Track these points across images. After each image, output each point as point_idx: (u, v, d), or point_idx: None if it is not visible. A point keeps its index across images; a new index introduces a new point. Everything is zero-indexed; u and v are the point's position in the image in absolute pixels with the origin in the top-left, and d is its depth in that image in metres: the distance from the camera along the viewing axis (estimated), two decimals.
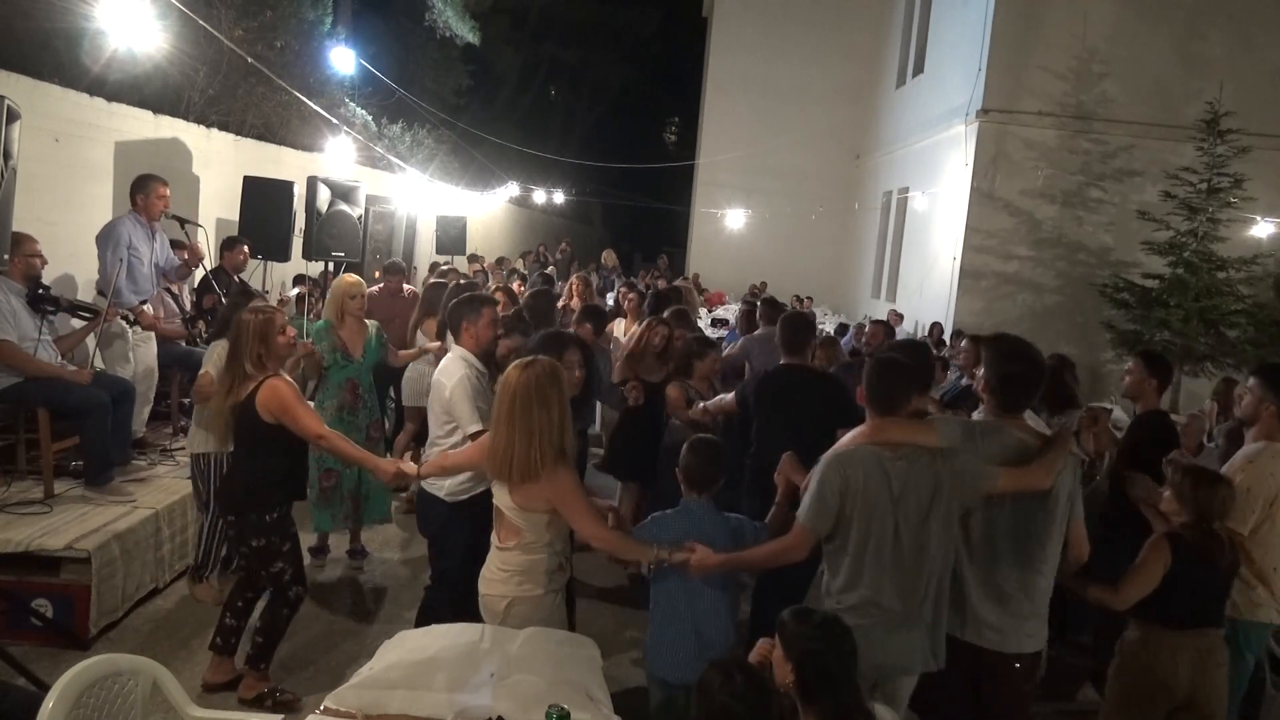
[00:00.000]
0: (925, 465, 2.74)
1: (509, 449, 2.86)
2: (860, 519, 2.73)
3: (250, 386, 3.57)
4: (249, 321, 3.63)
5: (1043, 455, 2.81)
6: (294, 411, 3.56)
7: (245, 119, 10.06)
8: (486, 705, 2.45)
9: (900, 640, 2.75)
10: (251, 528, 3.65)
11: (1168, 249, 10.72)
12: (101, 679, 2.39)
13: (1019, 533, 2.85)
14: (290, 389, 3.62)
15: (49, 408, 4.62)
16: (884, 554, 2.73)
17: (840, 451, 2.82)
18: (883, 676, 2.82)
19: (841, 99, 20.03)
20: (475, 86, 22.31)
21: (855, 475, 2.72)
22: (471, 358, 3.86)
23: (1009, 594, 2.85)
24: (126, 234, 5.31)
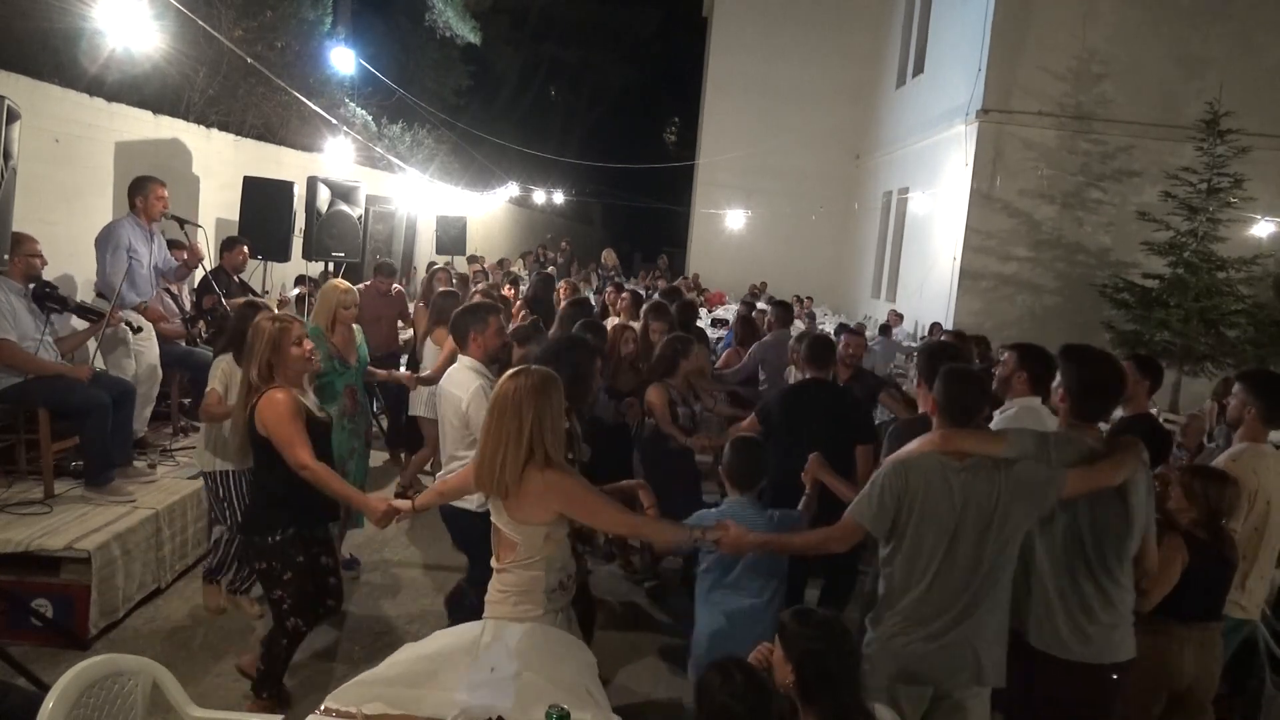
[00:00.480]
0: (987, 476, 2.71)
1: (494, 460, 2.72)
2: (917, 526, 2.72)
3: (255, 398, 3.39)
4: (264, 328, 3.43)
5: (1110, 456, 2.82)
6: (283, 431, 3.30)
7: (245, 119, 10.06)
8: (487, 705, 2.46)
9: (944, 651, 2.72)
10: (255, 549, 3.51)
11: (1168, 249, 10.72)
12: (101, 679, 2.39)
13: (1099, 543, 2.84)
14: (290, 404, 3.36)
15: (49, 408, 4.62)
16: (937, 563, 2.71)
17: (906, 457, 2.81)
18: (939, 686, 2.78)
19: (841, 99, 20.03)
20: (475, 86, 22.31)
21: (917, 482, 2.72)
22: (481, 367, 3.77)
23: (1093, 603, 2.85)
24: (126, 236, 5.31)
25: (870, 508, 2.75)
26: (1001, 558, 2.72)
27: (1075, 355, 3.01)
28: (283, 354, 3.43)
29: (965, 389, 2.86)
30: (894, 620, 2.73)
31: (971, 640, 2.71)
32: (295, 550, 3.48)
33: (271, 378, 3.41)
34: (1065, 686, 2.85)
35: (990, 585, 2.72)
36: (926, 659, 2.71)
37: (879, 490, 2.74)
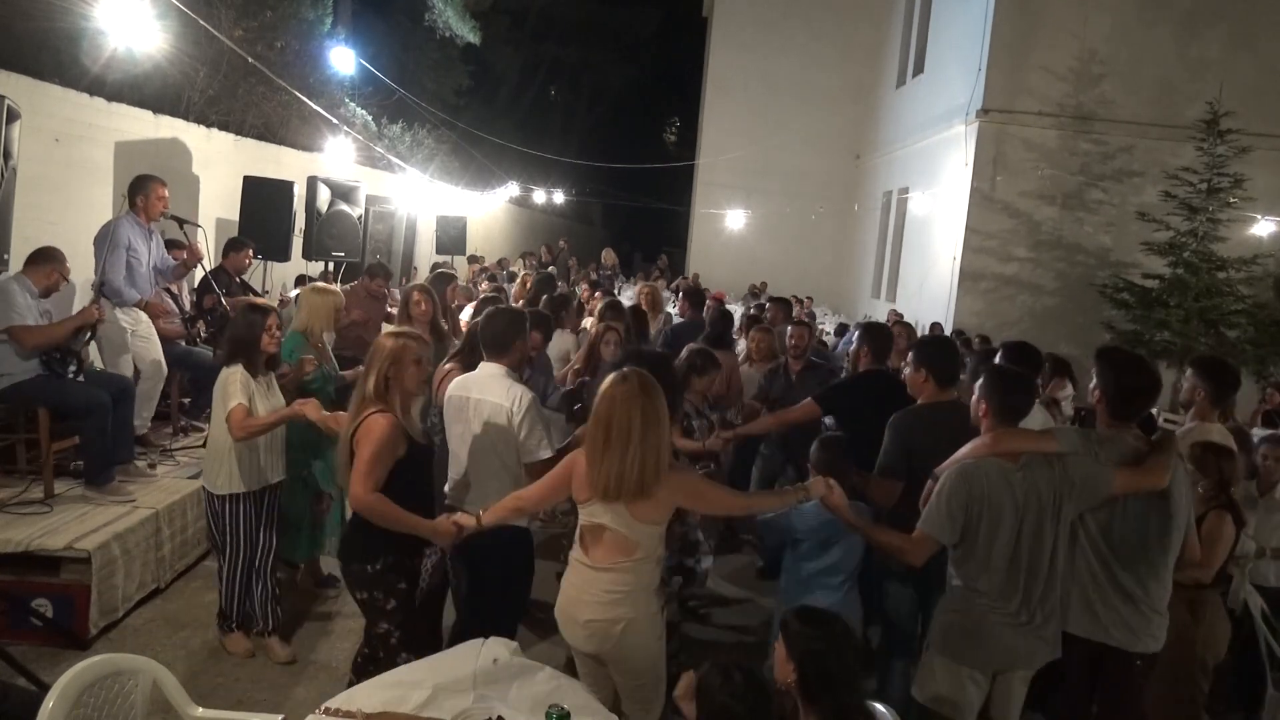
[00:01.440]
0: (1044, 474, 2.88)
1: (626, 464, 2.69)
2: (986, 530, 2.87)
3: (363, 416, 3.11)
4: (385, 345, 3.20)
5: (1152, 457, 2.97)
6: (367, 454, 3.03)
7: (245, 119, 10.06)
8: (487, 705, 2.46)
9: (1021, 638, 2.91)
10: (355, 579, 3.21)
11: (1168, 249, 10.73)
12: (101, 679, 2.39)
13: (1144, 536, 2.99)
14: (389, 433, 3.07)
15: (49, 407, 4.62)
16: (1005, 560, 2.89)
17: (966, 466, 2.93)
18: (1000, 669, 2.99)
19: (841, 99, 20.03)
20: (475, 86, 22.31)
21: (980, 488, 2.86)
22: (514, 374, 3.61)
23: (1135, 594, 3.00)
24: (125, 235, 5.30)
25: (941, 520, 2.90)
26: (1059, 546, 2.93)
27: (1112, 358, 3.16)
28: (402, 372, 3.18)
29: (1016, 391, 3.02)
30: (977, 608, 2.92)
31: (1049, 626, 2.95)
32: (397, 577, 3.18)
33: (383, 397, 3.14)
34: (1100, 670, 3.03)
35: (1053, 572, 2.93)
36: (1013, 644, 2.91)
37: (946, 502, 2.89)
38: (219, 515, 3.98)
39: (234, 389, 3.84)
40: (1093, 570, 3.01)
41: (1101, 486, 2.90)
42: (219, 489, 3.94)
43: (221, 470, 3.91)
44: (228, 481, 3.92)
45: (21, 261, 4.79)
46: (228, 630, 4.14)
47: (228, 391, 3.85)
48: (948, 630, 2.99)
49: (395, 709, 2.42)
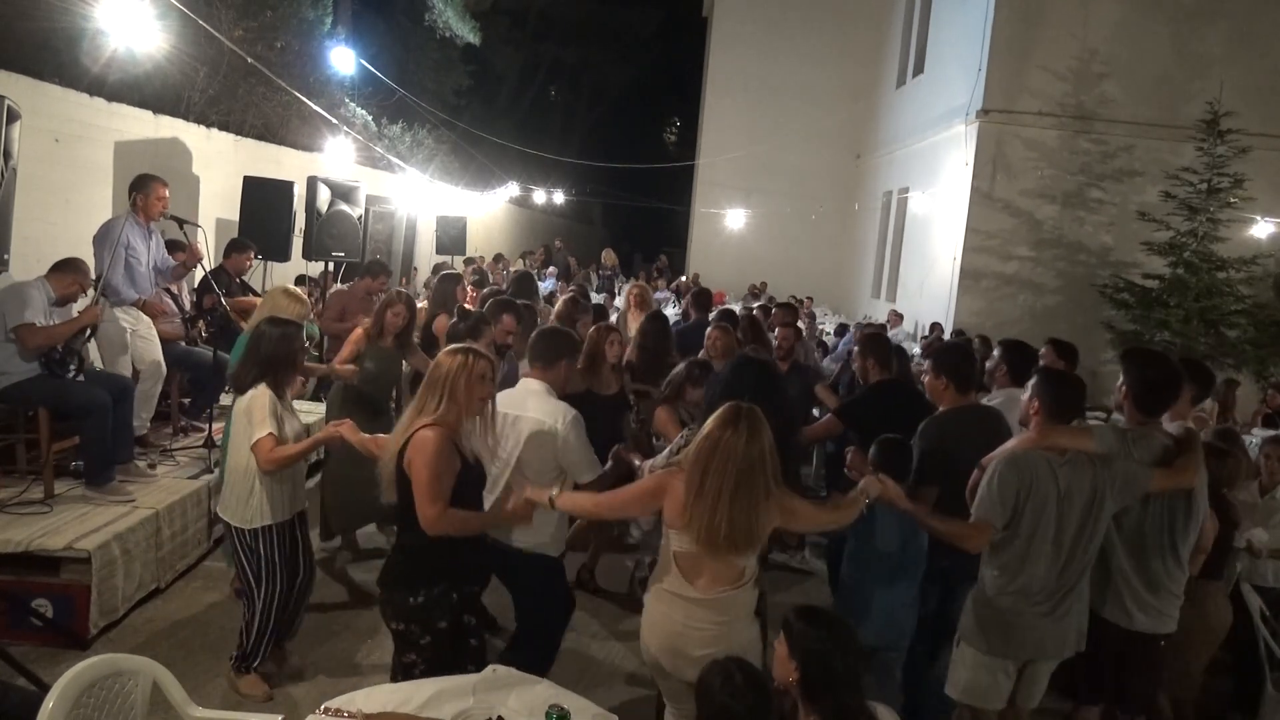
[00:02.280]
0: (1086, 471, 3.02)
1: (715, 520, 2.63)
2: (1030, 517, 3.00)
3: (412, 430, 2.91)
4: (447, 364, 2.98)
5: (1184, 456, 3.17)
6: (426, 474, 2.82)
7: (245, 119, 10.06)
8: (487, 706, 2.47)
9: (1051, 628, 3.05)
10: (393, 609, 3.01)
11: (1168, 249, 10.73)
12: (101, 679, 2.39)
13: (1171, 527, 3.22)
14: (442, 447, 2.86)
15: (49, 407, 4.62)
16: (1045, 550, 3.01)
17: (1016, 455, 3.06)
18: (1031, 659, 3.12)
19: (841, 99, 20.02)
20: (475, 86, 22.31)
21: (1028, 476, 2.99)
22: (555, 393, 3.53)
23: (1161, 582, 3.23)
24: (124, 234, 5.30)
25: (996, 506, 3.00)
26: (1094, 543, 3.06)
27: (1137, 357, 3.40)
28: (468, 388, 2.95)
29: (1069, 391, 3.15)
30: (1010, 599, 3.04)
31: (1075, 615, 3.09)
32: (440, 613, 2.99)
33: (435, 408, 2.94)
34: (1126, 653, 3.25)
35: (1084, 567, 3.07)
36: (1044, 635, 3.05)
37: (997, 488, 3.01)
38: (253, 552, 3.63)
39: (262, 415, 3.52)
40: (1121, 561, 3.20)
41: (1140, 486, 3.08)
42: (250, 522, 3.60)
43: (250, 502, 3.59)
44: (259, 513, 3.60)
45: (21, 261, 4.82)
46: (243, 671, 3.75)
47: (254, 417, 3.52)
48: (983, 624, 3.09)
49: (395, 710, 2.43)
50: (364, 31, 17.72)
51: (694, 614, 2.73)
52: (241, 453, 3.58)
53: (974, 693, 3.12)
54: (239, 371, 3.71)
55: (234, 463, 3.65)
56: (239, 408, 3.62)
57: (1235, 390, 8.35)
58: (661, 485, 2.83)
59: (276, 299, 4.47)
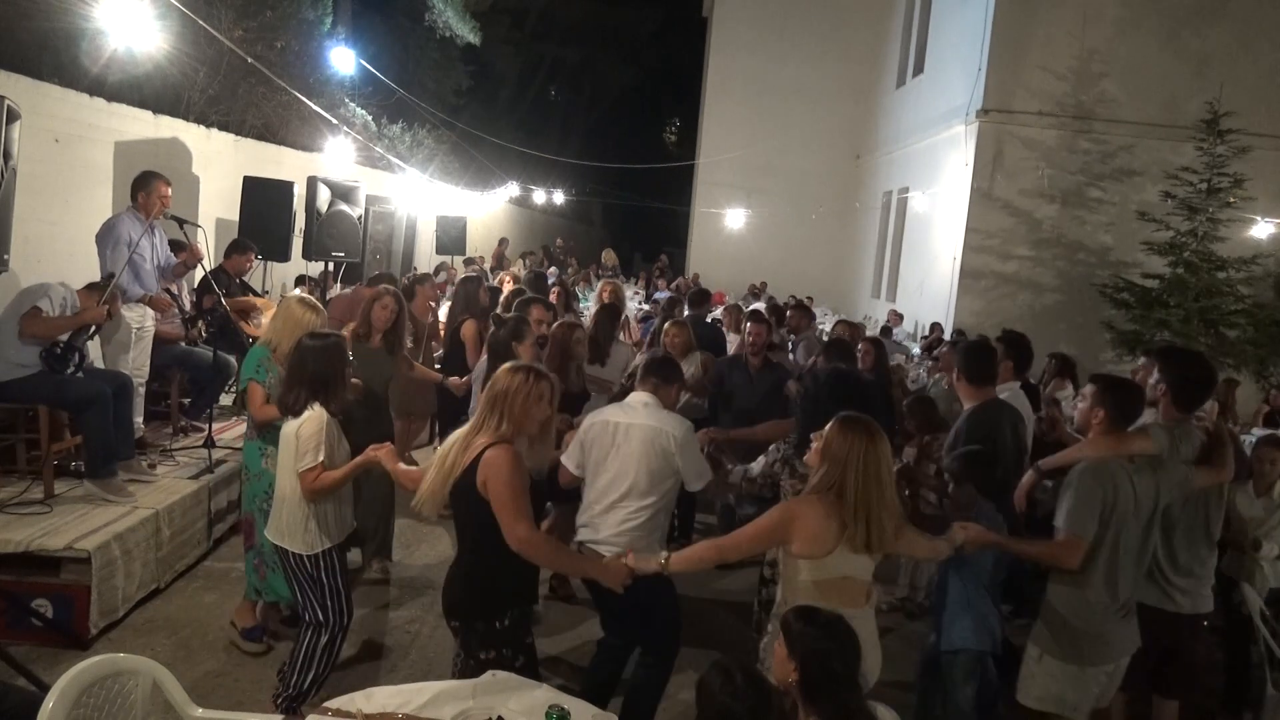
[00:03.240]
0: (1150, 475, 3.18)
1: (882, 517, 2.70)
2: (1115, 528, 3.10)
3: (479, 448, 2.83)
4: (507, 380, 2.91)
5: (1219, 451, 3.44)
6: (507, 493, 2.76)
7: (245, 119, 10.06)
8: (487, 705, 2.47)
9: (1128, 627, 3.21)
10: (479, 638, 2.89)
11: (1168, 249, 10.72)
12: (101, 679, 2.39)
13: (1206, 515, 3.49)
14: (518, 465, 2.81)
15: (51, 401, 4.61)
16: (1124, 554, 3.13)
17: (1096, 466, 3.14)
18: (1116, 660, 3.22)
19: (841, 99, 20.02)
20: (475, 86, 22.32)
21: (1109, 485, 3.09)
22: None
23: (1195, 569, 3.48)
24: (127, 231, 5.30)
25: (1086, 519, 3.06)
26: (1153, 542, 3.25)
27: (1174, 356, 3.63)
28: (524, 408, 2.89)
29: (1133, 399, 3.28)
30: (1099, 609, 3.13)
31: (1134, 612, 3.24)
32: (525, 631, 2.96)
33: (499, 427, 2.86)
34: (1170, 634, 3.43)
35: (1146, 567, 3.27)
36: (1125, 635, 3.19)
37: (1085, 501, 3.07)
38: (314, 579, 3.43)
39: (313, 442, 3.35)
40: (1159, 550, 3.39)
41: (1190, 485, 3.34)
42: (311, 548, 3.42)
43: (309, 527, 3.42)
44: (317, 538, 3.43)
45: (21, 261, 4.82)
46: (293, 713, 3.37)
47: (305, 445, 3.35)
48: (1072, 636, 3.13)
49: (395, 710, 2.43)
50: (364, 31, 17.72)
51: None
52: (293, 478, 3.41)
53: (1063, 703, 3.16)
54: (285, 394, 3.48)
55: (286, 489, 3.46)
56: (288, 431, 3.44)
57: (1235, 390, 8.35)
58: (791, 515, 2.79)
59: (293, 311, 4.13)
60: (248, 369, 4.05)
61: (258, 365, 4.04)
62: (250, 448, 4.14)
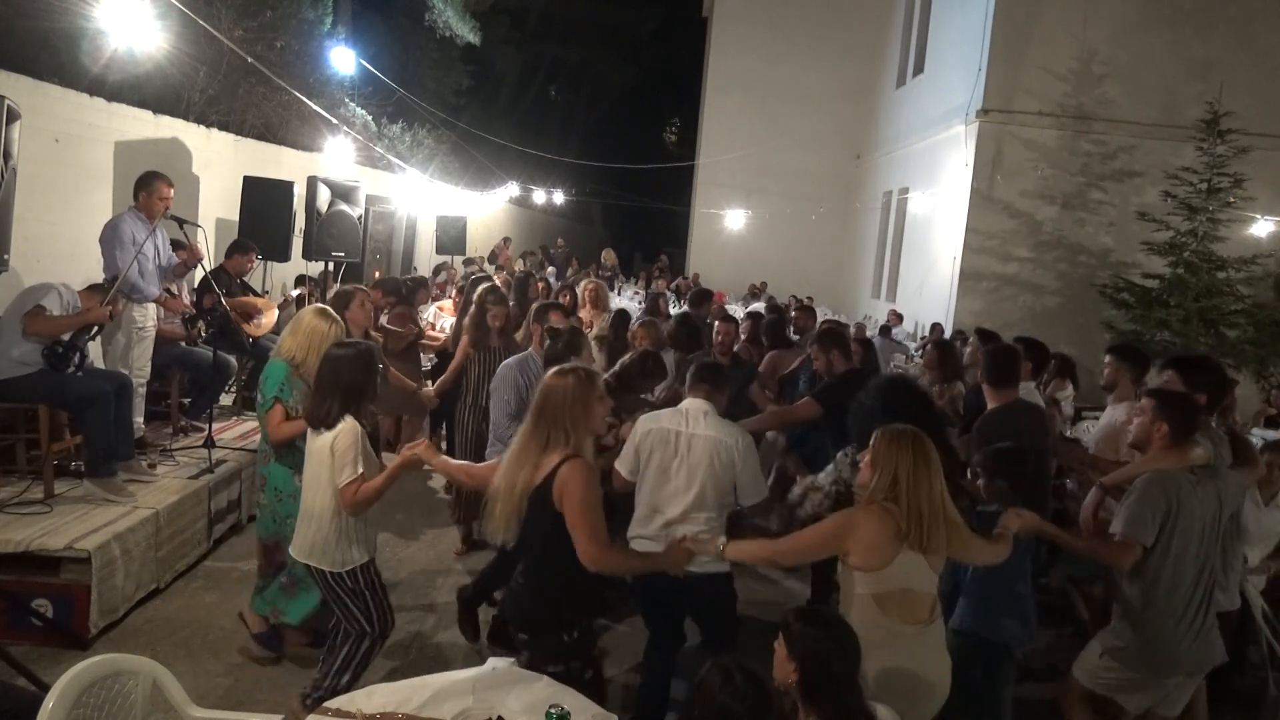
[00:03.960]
0: (1211, 485, 3.26)
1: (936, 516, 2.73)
2: (1179, 538, 3.18)
3: (550, 465, 2.79)
4: (560, 385, 2.86)
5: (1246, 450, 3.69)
6: (583, 510, 2.74)
7: (245, 119, 10.06)
8: (486, 705, 2.47)
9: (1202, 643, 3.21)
10: (548, 652, 2.86)
11: (1168, 249, 10.72)
12: (101, 679, 2.39)
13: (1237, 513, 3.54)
14: (592, 477, 2.80)
15: (51, 400, 4.62)
16: (1185, 565, 3.19)
17: (1163, 476, 3.24)
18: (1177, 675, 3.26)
19: (841, 99, 20.02)
20: (475, 86, 22.31)
21: (1173, 496, 3.18)
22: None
23: (1233, 562, 3.62)
24: (131, 231, 5.30)
25: (1146, 525, 3.15)
26: (1217, 552, 3.28)
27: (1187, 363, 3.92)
28: (589, 410, 2.85)
29: (1193, 411, 3.41)
30: (1158, 620, 3.18)
31: (1215, 629, 3.25)
32: (592, 643, 2.97)
33: (570, 440, 2.82)
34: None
35: (1214, 578, 3.27)
36: (1194, 651, 3.19)
37: (1147, 509, 3.17)
38: (356, 594, 3.32)
39: (350, 455, 3.22)
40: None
41: (1243, 488, 3.47)
42: (348, 563, 3.30)
43: (341, 543, 3.29)
44: (356, 551, 3.32)
45: (22, 261, 4.82)
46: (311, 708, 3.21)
47: (343, 458, 3.22)
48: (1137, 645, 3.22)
49: (395, 709, 2.43)
50: (364, 31, 17.72)
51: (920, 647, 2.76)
52: (326, 494, 3.27)
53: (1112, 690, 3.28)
54: (316, 407, 3.31)
55: (317, 505, 3.30)
56: (319, 445, 3.29)
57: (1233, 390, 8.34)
58: (851, 524, 2.78)
59: (312, 324, 3.92)
60: (270, 387, 3.81)
61: (281, 383, 3.82)
62: (279, 469, 3.94)
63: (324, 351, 3.52)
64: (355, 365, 3.32)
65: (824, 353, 4.99)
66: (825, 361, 4.99)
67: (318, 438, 3.31)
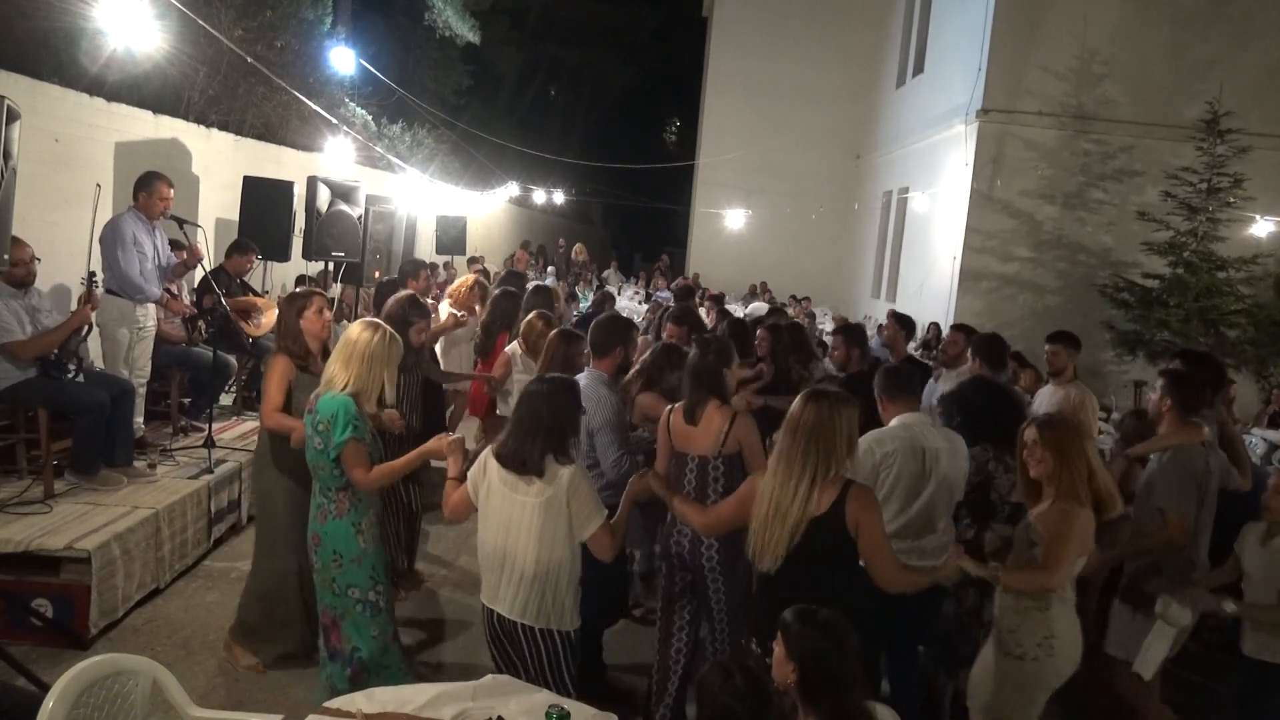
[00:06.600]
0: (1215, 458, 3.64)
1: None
2: (1205, 510, 3.55)
3: (833, 493, 2.74)
4: (823, 414, 2.77)
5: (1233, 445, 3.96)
6: (879, 534, 2.77)
7: (245, 119, 10.05)
8: (487, 705, 2.47)
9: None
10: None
11: (1168, 249, 10.72)
12: (101, 679, 2.39)
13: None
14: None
15: (49, 407, 4.62)
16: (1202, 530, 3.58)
17: (1190, 449, 3.57)
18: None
19: (841, 99, 20.03)
20: (475, 86, 22.31)
21: (1202, 467, 3.54)
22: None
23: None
24: (131, 231, 5.31)
25: (1189, 499, 3.49)
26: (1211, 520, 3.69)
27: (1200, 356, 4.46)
28: (853, 435, 2.83)
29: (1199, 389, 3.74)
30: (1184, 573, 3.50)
31: None
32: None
33: (830, 468, 2.78)
34: None
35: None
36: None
37: (1186, 483, 3.50)
38: (574, 650, 3.07)
39: (594, 500, 3.03)
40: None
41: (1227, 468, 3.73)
42: (575, 621, 3.09)
43: (570, 600, 3.06)
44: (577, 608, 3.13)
45: None
46: None
47: (586, 506, 3.00)
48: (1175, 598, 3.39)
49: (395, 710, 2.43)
50: (364, 31, 17.71)
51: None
52: (561, 548, 2.96)
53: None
54: (515, 449, 2.95)
55: (539, 563, 2.95)
56: (531, 494, 2.94)
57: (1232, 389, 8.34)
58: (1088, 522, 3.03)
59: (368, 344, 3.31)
60: (340, 429, 3.20)
61: (351, 421, 3.22)
62: (341, 527, 3.31)
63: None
64: (558, 404, 3.00)
65: (844, 347, 5.33)
66: (845, 355, 5.33)
67: (525, 486, 2.94)
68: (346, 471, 3.25)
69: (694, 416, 3.53)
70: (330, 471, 3.28)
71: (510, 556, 2.96)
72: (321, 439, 3.24)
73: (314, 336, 3.87)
